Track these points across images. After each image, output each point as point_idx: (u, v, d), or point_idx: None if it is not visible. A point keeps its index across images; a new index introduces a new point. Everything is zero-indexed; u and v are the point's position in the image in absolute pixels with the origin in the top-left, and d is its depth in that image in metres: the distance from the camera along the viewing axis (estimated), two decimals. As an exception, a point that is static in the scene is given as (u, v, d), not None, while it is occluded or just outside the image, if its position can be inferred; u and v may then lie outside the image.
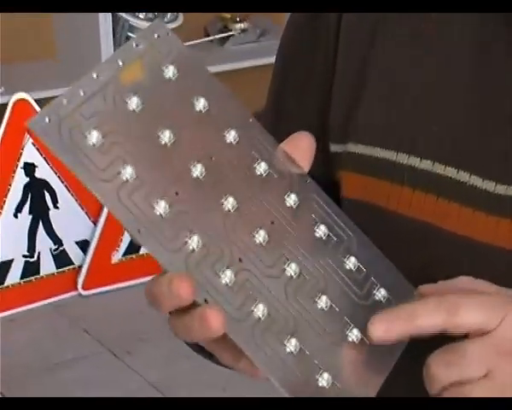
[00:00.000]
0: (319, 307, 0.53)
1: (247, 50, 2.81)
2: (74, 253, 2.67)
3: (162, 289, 0.51)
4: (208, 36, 2.83)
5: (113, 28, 2.54)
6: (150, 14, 2.59)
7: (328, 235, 0.55)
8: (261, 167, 0.54)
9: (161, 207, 0.50)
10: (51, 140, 0.48)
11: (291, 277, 0.53)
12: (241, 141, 0.53)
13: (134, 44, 0.52)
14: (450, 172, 0.65)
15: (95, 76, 0.50)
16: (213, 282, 0.50)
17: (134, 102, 0.50)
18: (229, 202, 0.52)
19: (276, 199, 0.54)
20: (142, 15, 2.57)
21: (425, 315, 0.56)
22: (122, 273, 2.71)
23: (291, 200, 0.54)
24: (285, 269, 0.53)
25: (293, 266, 0.53)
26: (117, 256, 2.71)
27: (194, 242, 0.50)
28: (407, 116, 0.68)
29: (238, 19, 2.81)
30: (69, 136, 0.48)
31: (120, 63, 0.51)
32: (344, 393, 0.53)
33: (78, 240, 2.66)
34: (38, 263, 2.62)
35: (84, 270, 2.67)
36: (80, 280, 2.67)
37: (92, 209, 2.64)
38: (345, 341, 0.54)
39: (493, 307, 0.57)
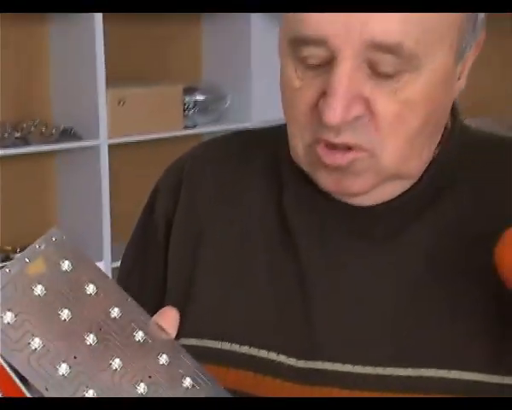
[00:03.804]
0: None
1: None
2: None
3: None
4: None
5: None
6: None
7: (193, 385, 0.69)
8: (139, 335, 0.69)
9: (63, 368, 0.65)
10: None
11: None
12: (123, 316, 0.69)
13: (37, 246, 0.68)
14: (264, 353, 0.86)
15: (7, 270, 0.66)
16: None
17: (38, 289, 0.66)
18: (116, 363, 0.67)
19: (152, 359, 0.69)
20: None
21: None
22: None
23: (163, 359, 0.69)
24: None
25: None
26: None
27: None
28: (226, 311, 0.89)
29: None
30: None
31: (27, 260, 0.67)
32: None
33: None
34: None
35: None
36: None
37: None
38: None
39: None
